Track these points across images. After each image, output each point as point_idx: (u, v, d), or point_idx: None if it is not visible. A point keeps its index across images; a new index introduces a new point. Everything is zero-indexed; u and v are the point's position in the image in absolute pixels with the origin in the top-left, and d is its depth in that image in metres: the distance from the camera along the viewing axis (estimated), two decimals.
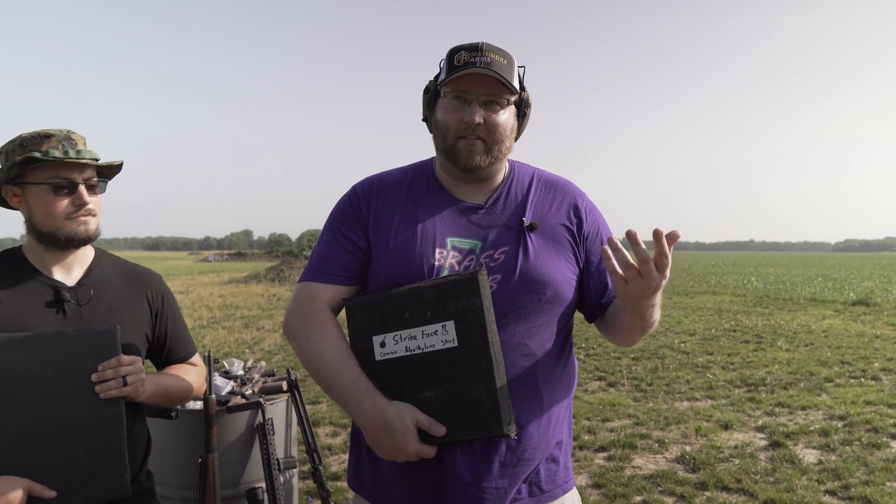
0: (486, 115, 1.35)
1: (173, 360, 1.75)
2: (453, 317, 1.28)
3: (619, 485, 4.06)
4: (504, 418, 1.25)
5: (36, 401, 1.38)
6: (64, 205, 1.48)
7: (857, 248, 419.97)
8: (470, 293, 1.27)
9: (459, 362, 1.27)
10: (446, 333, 1.28)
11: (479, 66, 1.32)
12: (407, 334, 1.32)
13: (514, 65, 1.38)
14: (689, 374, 7.51)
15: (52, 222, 1.49)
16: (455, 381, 1.27)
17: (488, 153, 1.38)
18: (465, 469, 1.33)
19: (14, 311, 1.46)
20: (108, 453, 1.42)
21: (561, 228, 1.44)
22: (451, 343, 1.28)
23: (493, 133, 1.37)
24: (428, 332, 1.30)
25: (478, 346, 1.26)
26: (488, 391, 1.25)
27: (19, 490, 1.32)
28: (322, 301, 1.42)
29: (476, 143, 1.36)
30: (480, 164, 1.38)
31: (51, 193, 1.48)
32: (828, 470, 4.28)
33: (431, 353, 1.29)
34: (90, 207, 1.51)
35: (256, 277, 26.98)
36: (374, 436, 1.31)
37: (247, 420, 2.54)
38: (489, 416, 1.25)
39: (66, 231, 1.50)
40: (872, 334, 10.57)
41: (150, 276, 1.73)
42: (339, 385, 1.33)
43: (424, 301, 1.30)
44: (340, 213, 1.48)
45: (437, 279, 1.32)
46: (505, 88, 1.35)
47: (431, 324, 1.30)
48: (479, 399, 1.26)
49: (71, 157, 1.47)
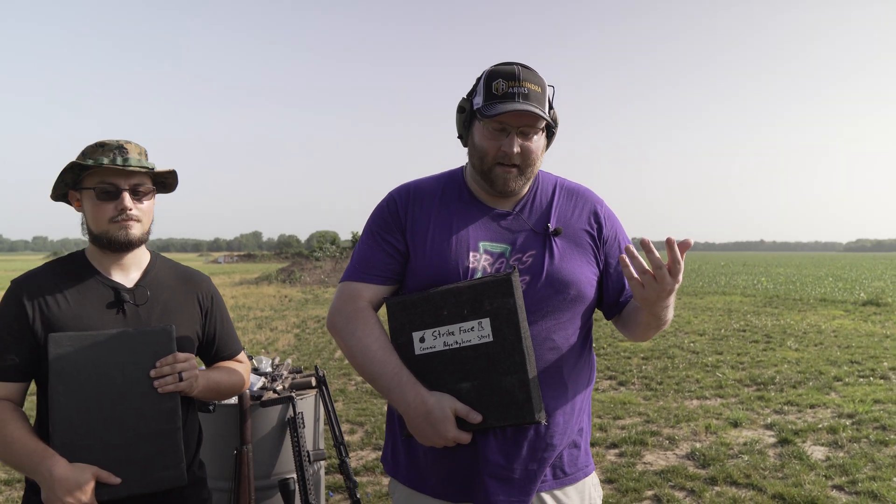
0: (522, 144, 1.48)
1: (221, 357, 1.86)
2: (489, 314, 1.41)
3: (631, 480, 4.18)
4: (535, 407, 1.38)
5: (101, 395, 1.51)
6: (107, 209, 1.59)
7: (868, 248, 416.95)
8: (504, 293, 1.40)
9: (494, 356, 1.41)
10: (482, 329, 1.42)
11: (518, 101, 1.43)
12: (445, 330, 1.45)
13: (545, 90, 1.49)
14: (698, 373, 7.60)
15: (98, 225, 1.60)
16: (490, 372, 1.41)
17: (522, 176, 1.51)
18: (498, 453, 1.45)
19: (78, 310, 1.58)
20: (166, 444, 1.55)
21: (583, 233, 1.57)
22: (486, 338, 1.41)
23: (528, 159, 1.49)
24: (465, 329, 1.43)
25: (511, 341, 1.39)
26: (521, 382, 1.38)
27: (90, 476, 1.45)
28: (364, 299, 1.55)
29: (512, 170, 1.49)
30: (515, 188, 1.52)
31: (96, 198, 1.59)
32: (835, 466, 4.37)
33: (468, 347, 1.43)
34: (132, 213, 1.60)
35: (267, 279, 27.18)
36: (415, 423, 1.44)
37: (278, 414, 2.68)
38: (522, 405, 1.38)
39: (109, 234, 1.60)
40: (882, 334, 10.61)
41: (200, 278, 1.84)
42: (383, 377, 1.47)
43: (461, 300, 1.44)
44: (379, 218, 1.61)
45: (473, 280, 1.45)
46: (540, 118, 1.47)
47: (468, 321, 1.43)
48: (513, 389, 1.39)
49: (114, 164, 1.56)
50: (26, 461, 1.44)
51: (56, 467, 1.42)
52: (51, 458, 1.43)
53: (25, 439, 1.46)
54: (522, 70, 1.46)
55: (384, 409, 6.09)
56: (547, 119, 1.47)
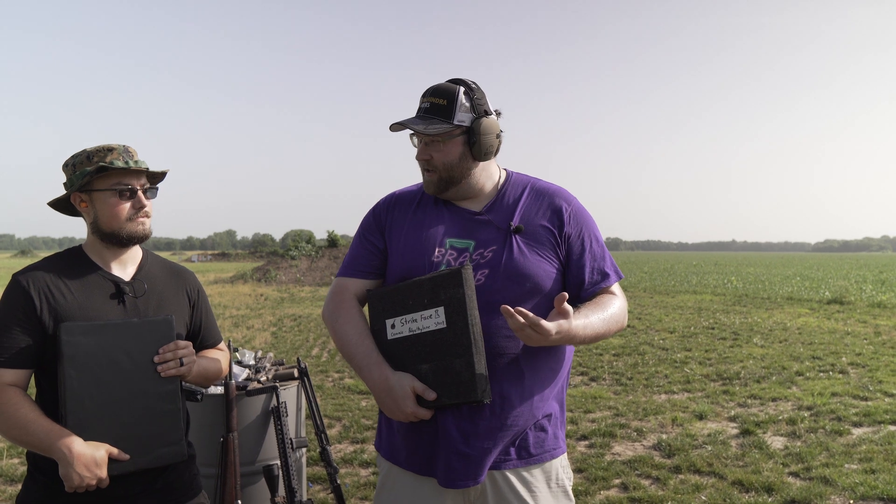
0: (426, 151, 1.68)
1: (205, 345, 1.99)
2: (443, 303, 1.58)
3: (600, 469, 4.36)
4: (479, 387, 1.53)
5: (110, 378, 1.63)
6: (126, 208, 1.73)
7: (836, 248, 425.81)
8: (455, 284, 1.56)
9: (447, 341, 1.57)
10: (438, 317, 1.58)
11: (415, 116, 1.68)
12: (410, 318, 1.62)
13: (452, 99, 1.64)
14: (667, 368, 7.85)
15: (115, 223, 1.73)
16: (443, 355, 1.57)
17: (440, 179, 1.70)
18: (455, 429, 1.60)
19: (83, 301, 1.70)
20: (169, 423, 1.69)
21: (543, 230, 1.70)
22: (441, 325, 1.58)
23: (432, 164, 1.69)
24: (425, 316, 1.60)
25: (461, 327, 1.55)
26: (468, 364, 1.54)
27: (104, 452, 1.58)
28: (350, 292, 1.75)
29: (431, 175, 1.70)
30: (434, 191, 1.72)
31: (115, 198, 1.72)
32: (793, 454, 4.61)
33: (427, 333, 1.60)
34: (147, 210, 1.77)
35: (243, 277, 27.08)
36: (380, 398, 1.63)
37: (262, 403, 2.81)
38: (468, 385, 1.54)
39: (127, 231, 1.74)
40: (844, 331, 11.00)
41: (187, 273, 1.97)
42: (357, 357, 1.67)
43: (423, 291, 1.61)
44: (365, 222, 1.82)
45: (433, 273, 1.62)
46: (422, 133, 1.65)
47: (427, 309, 1.60)
48: (461, 370, 1.55)
49: (132, 166, 1.72)
50: (44, 440, 1.56)
51: (74, 445, 1.54)
52: (68, 437, 1.56)
53: (41, 420, 1.58)
54: (431, 87, 1.67)
55: (361, 405, 6.22)
56: (423, 132, 1.63)
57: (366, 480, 4.26)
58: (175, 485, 1.78)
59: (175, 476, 1.79)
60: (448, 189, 1.70)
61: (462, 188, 1.71)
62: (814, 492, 3.88)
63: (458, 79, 1.68)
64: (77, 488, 1.54)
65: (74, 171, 1.74)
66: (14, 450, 4.87)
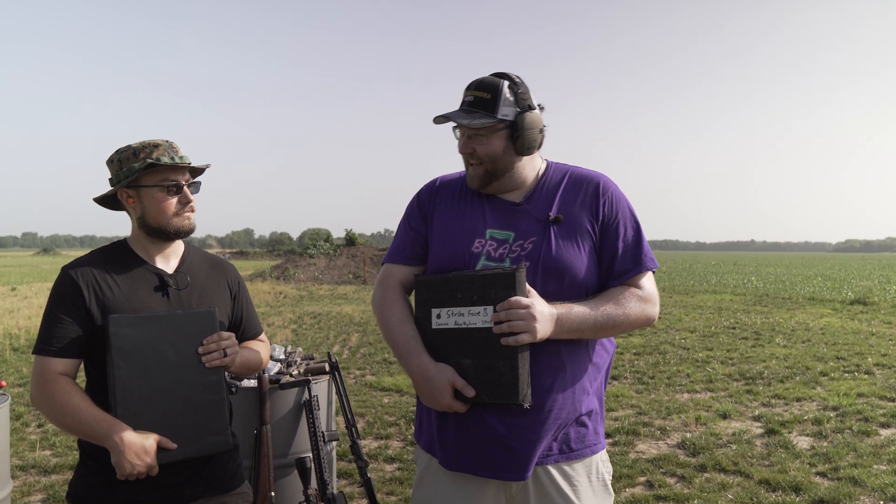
0: (469, 144, 1.68)
1: (247, 336, 2.02)
2: (493, 303, 1.56)
3: (624, 467, 4.36)
4: (521, 391, 1.53)
5: (157, 369, 1.67)
6: (173, 203, 1.77)
7: (857, 248, 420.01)
8: (508, 286, 1.55)
9: (493, 340, 1.56)
10: (486, 315, 1.57)
11: (459, 109, 1.67)
12: (457, 311, 1.62)
13: (497, 93, 1.64)
14: (689, 368, 7.81)
15: (162, 218, 1.77)
16: (487, 354, 1.57)
17: (485, 172, 1.70)
18: (499, 423, 1.61)
19: (129, 294, 1.74)
20: (214, 412, 1.72)
21: (583, 220, 1.69)
22: (488, 324, 1.57)
23: (476, 157, 1.70)
24: (473, 312, 1.60)
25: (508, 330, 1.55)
26: (511, 367, 1.54)
27: (153, 442, 1.62)
28: (395, 279, 1.79)
29: (477, 168, 1.71)
30: (479, 185, 1.72)
31: (163, 193, 1.75)
32: (819, 454, 4.57)
33: (473, 329, 1.59)
34: (192, 204, 1.81)
35: (261, 275, 27.28)
36: (418, 386, 1.66)
37: (294, 397, 2.84)
38: (509, 388, 1.54)
39: (174, 226, 1.78)
40: (868, 332, 10.86)
41: (228, 266, 2.01)
42: (398, 344, 1.70)
43: (473, 287, 1.60)
44: (409, 209, 1.84)
45: (485, 270, 1.62)
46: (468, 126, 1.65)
47: (476, 305, 1.59)
48: (504, 372, 1.55)
49: (178, 162, 1.75)
50: (96, 429, 1.60)
51: (126, 434, 1.58)
52: (119, 426, 1.60)
53: (92, 409, 1.62)
54: (472, 82, 1.68)
55: (383, 401, 6.26)
56: (467, 125, 1.63)
57: (391, 476, 4.29)
58: (219, 474, 1.82)
59: (220, 466, 1.82)
60: (491, 182, 1.71)
61: (505, 181, 1.71)
62: (842, 492, 3.85)
63: (503, 73, 1.68)
64: (129, 476, 1.58)
65: (121, 168, 1.77)
66: (46, 441, 4.96)
